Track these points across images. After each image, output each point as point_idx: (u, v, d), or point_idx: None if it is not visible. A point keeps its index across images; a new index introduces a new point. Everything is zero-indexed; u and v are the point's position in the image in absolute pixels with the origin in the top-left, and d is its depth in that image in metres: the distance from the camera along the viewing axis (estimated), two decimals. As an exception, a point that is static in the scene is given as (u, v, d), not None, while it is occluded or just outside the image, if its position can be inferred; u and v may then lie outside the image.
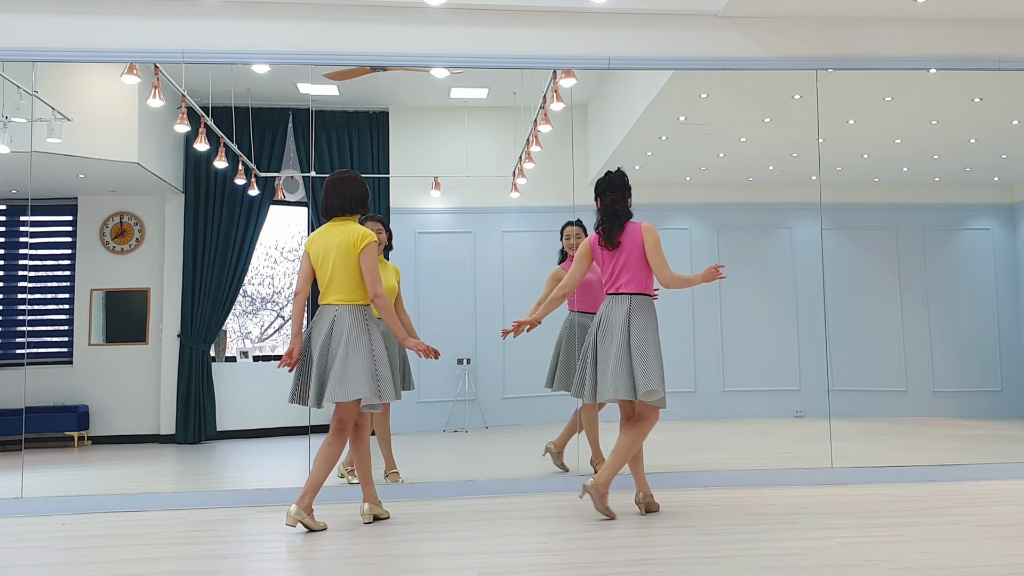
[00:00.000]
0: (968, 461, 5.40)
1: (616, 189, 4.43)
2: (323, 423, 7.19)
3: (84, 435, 6.76)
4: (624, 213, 4.41)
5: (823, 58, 5.53)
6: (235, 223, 7.16)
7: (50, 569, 3.54)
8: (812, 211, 5.72)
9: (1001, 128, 6.84)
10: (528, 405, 6.58)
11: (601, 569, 3.30)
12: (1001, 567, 3.22)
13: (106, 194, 7.13)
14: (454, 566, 3.39)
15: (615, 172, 4.50)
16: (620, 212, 4.40)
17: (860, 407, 6.37)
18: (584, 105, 6.88)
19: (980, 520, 4.07)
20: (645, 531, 3.98)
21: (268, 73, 5.80)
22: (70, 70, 5.96)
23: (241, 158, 6.94)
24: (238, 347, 7.59)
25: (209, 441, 6.96)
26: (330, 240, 4.21)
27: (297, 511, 4.09)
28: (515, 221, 6.84)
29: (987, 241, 7.34)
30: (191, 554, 3.75)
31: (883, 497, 4.70)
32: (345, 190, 4.26)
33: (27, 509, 4.77)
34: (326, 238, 4.23)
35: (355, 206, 4.28)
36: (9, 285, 7.13)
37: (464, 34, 5.36)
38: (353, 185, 4.27)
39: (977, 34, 5.59)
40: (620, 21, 5.42)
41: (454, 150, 6.90)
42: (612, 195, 4.42)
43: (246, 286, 7.85)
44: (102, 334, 7.01)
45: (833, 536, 3.79)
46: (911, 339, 7.11)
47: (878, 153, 7.14)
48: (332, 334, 4.14)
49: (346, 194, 4.25)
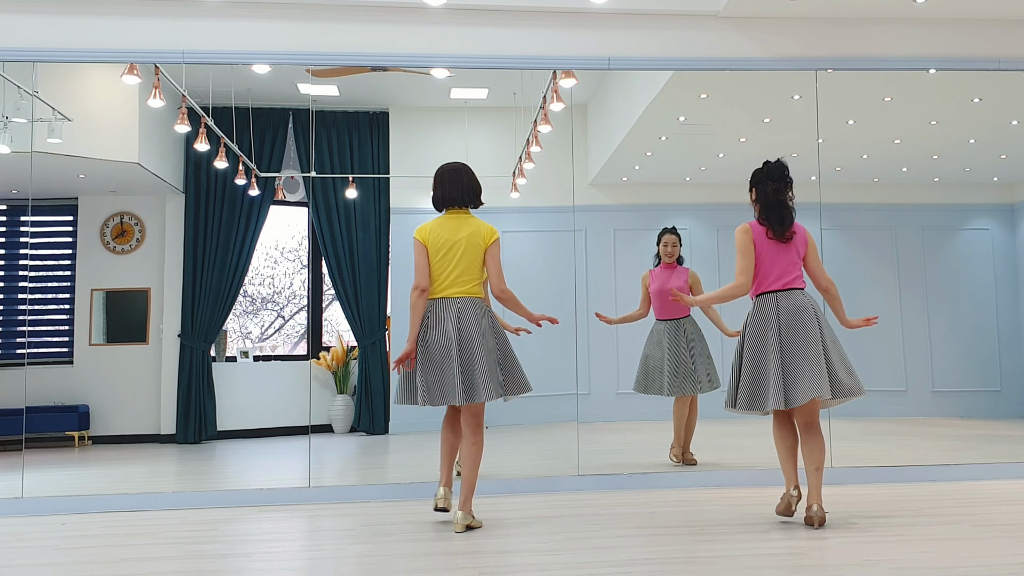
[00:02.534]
0: (968, 461, 5.41)
1: (777, 179, 4.17)
2: (323, 423, 7.21)
3: (84, 435, 6.77)
4: (790, 205, 4.16)
5: (822, 58, 5.53)
6: (235, 223, 7.17)
7: (50, 569, 3.55)
8: (812, 211, 5.72)
9: (1001, 128, 6.84)
10: (528, 405, 6.57)
11: (601, 569, 3.30)
12: (1001, 567, 3.22)
13: (106, 194, 7.14)
14: (454, 566, 3.39)
15: (775, 162, 4.23)
16: (786, 203, 4.14)
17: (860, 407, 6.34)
18: (584, 105, 6.88)
19: (980, 520, 4.07)
20: (645, 531, 3.98)
21: (268, 73, 5.80)
22: (70, 70, 5.96)
23: (241, 158, 6.95)
24: (238, 347, 7.60)
25: (209, 441, 6.96)
26: (454, 233, 4.13)
27: (464, 516, 4.00)
28: (515, 221, 6.84)
29: (986, 241, 7.35)
30: (191, 554, 3.76)
31: (883, 497, 4.70)
32: (464, 182, 4.22)
33: (27, 509, 4.77)
34: (448, 231, 4.14)
35: (474, 198, 4.24)
36: (9, 285, 7.13)
37: (464, 34, 5.36)
38: (471, 177, 4.24)
39: (977, 34, 5.59)
40: (620, 21, 5.42)
41: (454, 150, 6.90)
42: (775, 185, 4.16)
43: (246, 286, 7.86)
44: (102, 334, 7.01)
45: (833, 536, 3.79)
46: (911, 339, 7.12)
47: (878, 153, 7.14)
48: (462, 329, 4.05)
49: (465, 186, 4.21)
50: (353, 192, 7.13)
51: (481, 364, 4.01)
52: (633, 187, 7.01)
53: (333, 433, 7.15)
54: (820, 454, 4.02)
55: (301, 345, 8.05)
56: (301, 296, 8.13)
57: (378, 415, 7.00)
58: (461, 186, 4.20)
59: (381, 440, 6.89)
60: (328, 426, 7.19)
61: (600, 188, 6.89)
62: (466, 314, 4.07)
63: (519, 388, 4.14)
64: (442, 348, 4.04)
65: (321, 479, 5.48)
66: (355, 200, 7.14)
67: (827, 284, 4.20)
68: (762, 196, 4.18)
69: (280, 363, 7.59)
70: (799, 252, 4.16)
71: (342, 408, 7.16)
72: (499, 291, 4.15)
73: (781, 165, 4.22)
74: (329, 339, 7.52)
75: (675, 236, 5.75)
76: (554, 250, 5.81)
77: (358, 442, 6.90)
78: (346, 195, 7.10)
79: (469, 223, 4.17)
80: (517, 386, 4.14)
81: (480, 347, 4.03)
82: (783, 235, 4.11)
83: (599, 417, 6.26)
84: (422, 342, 4.08)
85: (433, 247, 4.12)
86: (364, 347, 7.07)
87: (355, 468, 6.38)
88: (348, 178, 7.11)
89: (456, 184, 4.20)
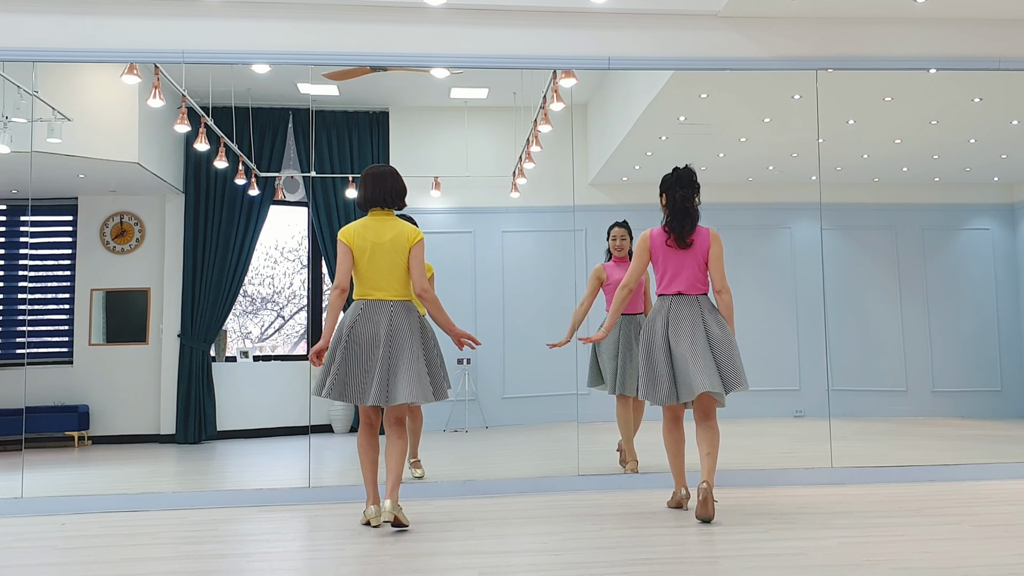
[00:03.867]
0: (968, 461, 5.40)
1: (685, 186, 4.32)
2: (323, 423, 7.21)
3: (84, 435, 6.76)
4: (695, 212, 4.32)
5: (823, 58, 5.53)
6: (235, 223, 7.16)
7: (50, 569, 3.54)
8: (812, 211, 5.72)
9: (1001, 128, 6.84)
10: (528, 405, 6.58)
11: (601, 569, 3.30)
12: (1001, 567, 3.22)
13: (106, 194, 7.14)
14: (454, 566, 3.39)
15: (683, 168, 4.39)
16: (691, 210, 4.31)
17: (860, 407, 6.37)
18: (584, 105, 6.88)
19: (980, 520, 4.07)
20: (645, 531, 3.98)
21: (268, 73, 5.80)
22: (70, 70, 5.96)
23: (241, 158, 6.94)
24: (238, 347, 7.60)
25: (209, 441, 6.96)
26: (379, 235, 4.18)
27: (393, 505, 4.02)
28: (515, 221, 6.84)
29: (987, 241, 7.34)
30: (191, 554, 3.75)
31: (883, 497, 4.70)
32: (387, 184, 4.28)
33: (27, 509, 4.77)
34: (373, 233, 4.19)
35: (396, 200, 4.30)
36: (9, 285, 7.13)
37: (464, 34, 5.36)
38: (395, 180, 4.30)
39: (977, 34, 5.59)
40: (620, 21, 5.42)
41: (454, 150, 6.91)
42: (682, 192, 4.31)
43: (246, 286, 7.86)
44: (102, 334, 7.01)
45: (833, 536, 3.79)
46: (911, 339, 7.11)
47: (878, 153, 7.14)
48: (392, 331, 4.10)
49: (387, 187, 4.27)
50: (353, 192, 7.13)
51: (406, 366, 4.05)
52: (633, 187, 7.00)
53: (333, 433, 7.15)
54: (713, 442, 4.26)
55: (301, 345, 8.05)
56: (301, 296, 8.13)
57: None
58: (385, 188, 4.25)
59: (381, 440, 6.88)
60: (328, 426, 7.19)
61: (600, 188, 6.89)
62: (398, 316, 4.13)
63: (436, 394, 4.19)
64: (367, 348, 4.08)
65: (321, 479, 5.48)
66: (355, 200, 7.13)
67: (720, 288, 4.37)
68: (670, 202, 4.34)
69: (280, 363, 7.59)
70: (702, 257, 4.34)
71: (342, 408, 7.15)
72: (420, 290, 4.18)
73: (689, 171, 4.38)
74: (329, 339, 7.51)
75: (624, 229, 5.57)
76: (554, 250, 5.81)
77: (358, 442, 6.89)
78: (346, 195, 7.10)
79: (393, 225, 4.21)
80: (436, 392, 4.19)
81: (408, 350, 4.08)
82: (682, 242, 4.30)
83: (599, 417, 6.26)
84: (348, 340, 4.10)
85: (358, 249, 4.16)
86: (364, 347, 7.06)
87: (355, 468, 6.35)
88: (348, 178, 7.10)
89: (380, 186, 4.26)
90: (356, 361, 4.09)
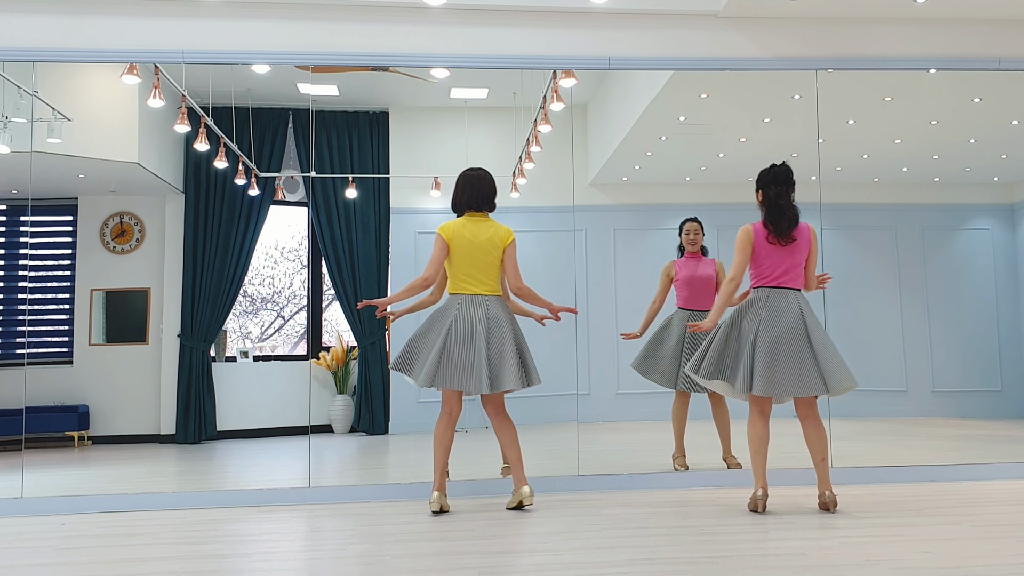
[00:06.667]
0: (968, 461, 5.40)
1: (780, 183, 4.41)
2: (323, 423, 7.21)
3: (84, 435, 6.76)
4: (790, 209, 4.40)
5: (823, 58, 5.54)
6: (235, 223, 7.16)
7: (50, 569, 3.54)
8: (812, 211, 5.71)
9: (1001, 128, 6.84)
10: (529, 405, 6.57)
11: (601, 569, 3.30)
12: (1001, 567, 3.22)
13: (106, 194, 7.14)
14: (454, 566, 3.39)
15: (780, 165, 4.47)
16: (785, 207, 4.39)
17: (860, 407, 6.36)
18: (584, 105, 6.88)
19: (980, 520, 4.07)
20: (645, 531, 3.98)
21: (268, 73, 5.80)
22: (70, 70, 5.96)
23: (241, 158, 6.94)
24: (238, 347, 7.60)
25: (209, 441, 6.96)
26: (476, 235, 4.51)
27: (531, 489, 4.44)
28: (515, 221, 6.79)
29: (987, 241, 7.34)
30: (191, 554, 3.75)
31: (883, 497, 4.70)
32: (483, 189, 4.60)
33: (27, 509, 4.77)
34: (471, 232, 4.52)
35: (490, 203, 4.64)
36: (9, 285, 7.13)
37: (464, 34, 5.36)
38: (490, 185, 4.64)
39: (977, 34, 5.59)
40: (620, 21, 5.42)
41: (454, 150, 6.90)
42: (776, 189, 4.40)
43: (246, 286, 7.85)
44: (102, 334, 7.01)
45: (833, 536, 3.79)
46: (911, 339, 7.11)
47: (878, 153, 7.14)
48: (491, 323, 4.44)
49: (483, 192, 4.60)
50: (353, 192, 7.13)
51: (509, 355, 4.40)
52: (633, 187, 7.00)
53: (333, 433, 7.15)
54: (822, 441, 4.34)
55: (301, 345, 8.05)
56: (301, 296, 8.12)
57: (378, 415, 6.99)
58: (481, 192, 4.60)
59: (381, 440, 6.89)
60: (328, 426, 7.19)
61: (600, 188, 6.89)
62: (495, 310, 4.50)
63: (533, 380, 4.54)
64: (465, 339, 4.39)
65: (321, 479, 5.48)
66: (355, 200, 7.13)
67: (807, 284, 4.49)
68: (767, 199, 4.43)
69: (280, 363, 7.59)
70: (801, 255, 4.41)
71: (342, 408, 7.15)
72: (516, 288, 4.58)
73: (785, 168, 4.47)
74: (329, 339, 7.51)
75: (697, 224, 5.66)
76: (554, 250, 5.81)
77: (358, 442, 6.90)
78: (346, 195, 7.10)
79: (489, 226, 4.58)
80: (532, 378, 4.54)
81: (509, 341, 4.42)
82: (783, 238, 4.37)
83: (599, 417, 6.26)
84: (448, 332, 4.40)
85: (456, 246, 4.49)
86: (364, 347, 7.07)
87: (355, 468, 6.38)
88: (348, 178, 7.10)
89: (476, 190, 4.59)
90: (458, 352, 4.39)
